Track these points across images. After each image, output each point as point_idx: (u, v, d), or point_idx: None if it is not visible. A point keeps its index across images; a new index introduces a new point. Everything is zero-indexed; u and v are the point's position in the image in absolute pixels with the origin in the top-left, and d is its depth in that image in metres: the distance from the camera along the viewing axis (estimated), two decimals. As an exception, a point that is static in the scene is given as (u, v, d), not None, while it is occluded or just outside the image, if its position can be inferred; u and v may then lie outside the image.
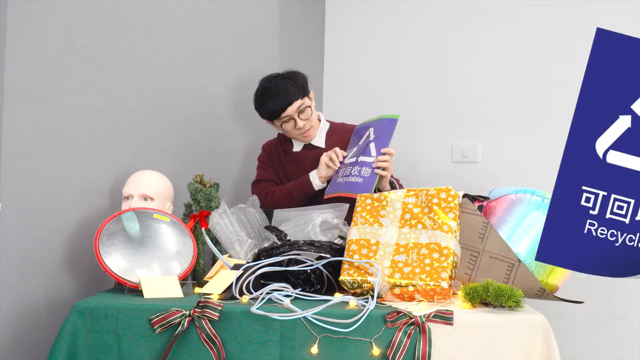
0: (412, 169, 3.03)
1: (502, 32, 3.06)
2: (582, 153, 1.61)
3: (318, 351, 1.73)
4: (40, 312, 2.19)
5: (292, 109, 2.46)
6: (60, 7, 2.23)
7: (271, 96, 2.46)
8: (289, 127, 2.49)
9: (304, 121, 2.49)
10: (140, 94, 2.53)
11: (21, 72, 2.13)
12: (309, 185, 2.46)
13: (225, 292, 1.93)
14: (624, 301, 2.86)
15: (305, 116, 2.49)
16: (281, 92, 2.44)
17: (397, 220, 2.00)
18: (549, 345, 1.73)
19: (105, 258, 2.01)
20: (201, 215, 2.27)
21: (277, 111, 2.46)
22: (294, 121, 2.48)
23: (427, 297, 1.88)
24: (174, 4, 2.64)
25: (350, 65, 3.25)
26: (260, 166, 2.65)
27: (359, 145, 2.44)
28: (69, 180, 2.28)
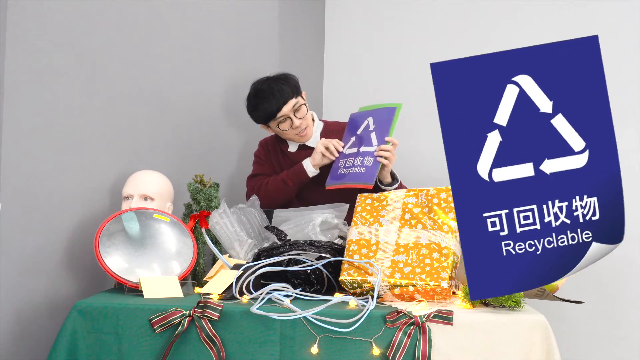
0: (412, 169, 3.03)
1: (502, 32, 3.06)
2: (468, 182, 1.60)
3: (318, 351, 1.73)
4: (40, 312, 2.19)
5: (288, 108, 2.45)
6: (60, 7, 2.23)
7: (265, 97, 2.45)
8: (285, 127, 2.49)
9: (300, 120, 2.49)
10: (141, 94, 2.53)
11: (21, 72, 2.13)
12: (303, 172, 2.45)
13: (225, 292, 1.93)
14: (624, 301, 2.86)
15: (301, 114, 2.49)
16: (275, 92, 2.44)
17: (397, 220, 2.00)
18: (549, 345, 1.73)
19: (105, 258, 2.01)
20: (201, 215, 2.27)
21: (272, 112, 2.45)
22: (291, 120, 2.47)
23: (427, 297, 1.88)
24: (174, 4, 2.64)
25: (350, 65, 3.25)
26: (257, 161, 2.64)
27: (358, 135, 2.44)
28: (69, 180, 2.28)
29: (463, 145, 1.60)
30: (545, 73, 1.59)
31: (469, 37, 3.11)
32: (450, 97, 1.60)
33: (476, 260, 1.60)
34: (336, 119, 2.73)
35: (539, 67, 1.59)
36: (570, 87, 1.58)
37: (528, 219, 1.60)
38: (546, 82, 1.59)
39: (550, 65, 1.59)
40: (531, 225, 1.59)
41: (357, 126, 2.47)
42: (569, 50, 1.59)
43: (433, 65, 1.60)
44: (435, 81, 1.60)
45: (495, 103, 1.60)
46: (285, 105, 2.45)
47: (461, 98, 1.60)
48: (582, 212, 1.58)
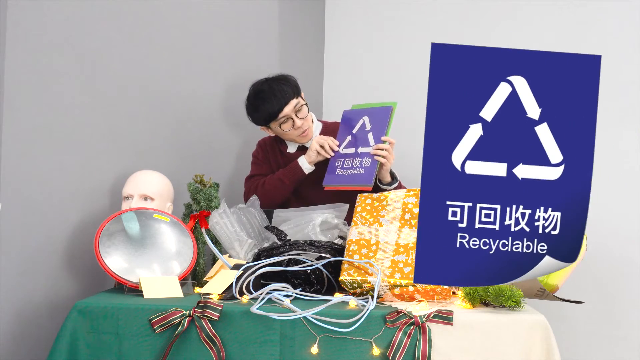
0: (412, 169, 3.02)
1: (502, 32, 3.06)
2: (440, 168, 1.60)
3: (318, 351, 1.73)
4: (40, 312, 2.19)
5: (289, 109, 2.45)
6: (60, 7, 2.23)
7: (266, 98, 2.44)
8: (287, 128, 2.48)
9: (302, 120, 2.49)
10: (141, 94, 2.53)
11: (21, 72, 2.13)
12: (299, 170, 2.45)
13: (225, 292, 1.93)
14: (624, 301, 2.86)
15: (302, 115, 2.49)
16: (276, 92, 2.43)
17: (397, 220, 2.00)
18: (549, 345, 1.73)
19: (105, 258, 2.01)
20: (201, 215, 2.27)
21: (273, 112, 2.44)
22: (292, 121, 2.47)
23: (427, 297, 1.88)
24: (173, 5, 2.64)
25: (350, 65, 3.25)
26: (255, 162, 2.64)
27: (354, 134, 2.43)
28: (69, 180, 2.28)
29: (444, 131, 1.61)
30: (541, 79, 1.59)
31: (469, 37, 3.11)
32: (443, 80, 1.60)
33: (429, 244, 1.59)
34: (336, 119, 2.72)
35: (536, 71, 1.59)
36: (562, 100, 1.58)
37: (489, 217, 1.60)
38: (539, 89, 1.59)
39: (548, 73, 1.59)
40: (491, 224, 1.59)
41: (352, 125, 2.47)
42: (569, 63, 1.59)
43: (434, 45, 1.61)
44: (432, 61, 1.60)
45: (485, 97, 1.60)
46: (287, 105, 2.44)
47: (453, 83, 1.60)
48: (543, 224, 1.58)
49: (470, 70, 1.60)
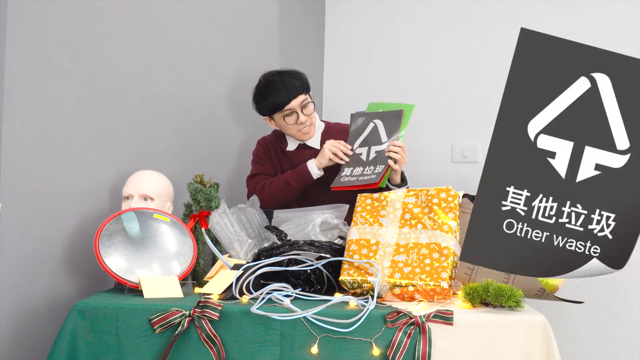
0: (412, 169, 3.03)
1: (502, 32, 3.06)
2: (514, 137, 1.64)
3: (318, 351, 1.73)
4: (40, 312, 2.19)
5: (296, 103, 2.46)
6: (60, 7, 2.23)
7: (276, 89, 2.46)
8: (291, 121, 2.49)
9: (306, 117, 2.49)
10: (141, 94, 2.53)
11: (21, 72, 2.13)
12: (308, 175, 2.44)
13: (225, 292, 1.93)
14: (625, 301, 2.86)
15: (307, 111, 2.49)
16: (287, 85, 2.46)
17: (397, 220, 2.00)
18: (549, 345, 1.73)
19: (105, 258, 2.01)
20: (201, 215, 2.27)
21: (281, 104, 2.46)
22: (297, 115, 2.48)
23: (427, 297, 1.88)
24: (173, 4, 2.64)
25: (350, 65, 3.25)
26: (256, 160, 2.63)
27: (365, 139, 2.41)
28: (69, 180, 2.28)
29: (521, 103, 1.64)
30: (623, 81, 1.62)
31: (469, 37, 3.11)
32: (526, 65, 1.64)
33: (482, 225, 1.63)
34: (336, 118, 2.72)
35: (618, 72, 1.63)
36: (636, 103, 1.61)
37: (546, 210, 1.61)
38: (620, 89, 1.62)
39: (629, 75, 1.63)
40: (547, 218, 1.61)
41: (361, 127, 2.44)
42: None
43: (523, 30, 1.65)
44: (519, 45, 1.64)
45: (563, 87, 1.63)
46: (295, 99, 2.46)
47: (536, 69, 1.64)
48: (599, 227, 1.60)
49: (554, 60, 1.63)
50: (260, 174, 2.58)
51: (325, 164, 2.43)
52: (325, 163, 2.43)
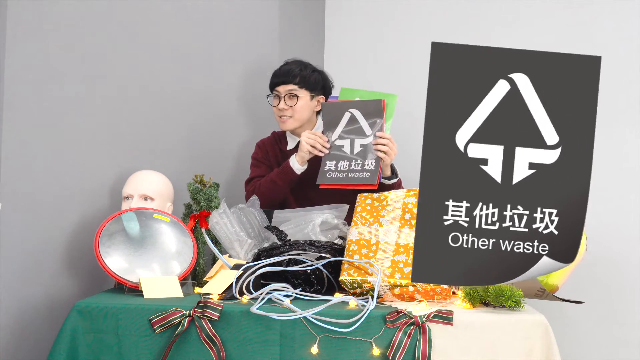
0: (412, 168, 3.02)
1: (502, 32, 3.06)
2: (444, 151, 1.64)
3: (318, 351, 1.73)
4: (40, 312, 2.19)
5: (283, 89, 2.52)
6: (60, 7, 2.23)
7: (280, 69, 2.56)
8: (274, 103, 2.56)
9: (288, 107, 2.52)
10: (141, 94, 2.53)
11: (21, 72, 2.13)
12: (291, 171, 2.44)
13: (225, 292, 1.93)
14: (625, 301, 2.86)
15: (290, 103, 2.52)
16: (290, 71, 2.54)
17: (397, 220, 2.00)
18: (549, 345, 1.73)
19: (105, 258, 2.01)
20: (201, 215, 2.27)
21: (273, 83, 2.56)
22: (279, 99, 2.53)
23: (427, 297, 1.88)
24: (173, 4, 2.64)
25: (351, 65, 3.25)
26: (254, 164, 2.63)
27: (346, 131, 2.36)
28: (69, 180, 2.28)
29: (445, 117, 1.64)
30: (542, 78, 1.61)
31: (469, 37, 3.10)
32: (443, 78, 1.65)
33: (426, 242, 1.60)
34: (336, 118, 2.72)
35: (536, 71, 1.62)
36: (562, 99, 1.61)
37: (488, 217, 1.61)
38: (540, 87, 1.61)
39: (548, 72, 1.62)
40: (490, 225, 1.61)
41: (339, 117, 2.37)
42: (569, 63, 1.61)
43: (434, 44, 1.66)
44: (432, 60, 1.65)
45: (484, 93, 1.63)
46: (282, 84, 2.52)
47: (453, 81, 1.64)
48: (542, 225, 1.59)
49: (470, 68, 1.63)
50: (256, 178, 2.57)
51: (306, 157, 2.42)
52: (305, 157, 2.41)
